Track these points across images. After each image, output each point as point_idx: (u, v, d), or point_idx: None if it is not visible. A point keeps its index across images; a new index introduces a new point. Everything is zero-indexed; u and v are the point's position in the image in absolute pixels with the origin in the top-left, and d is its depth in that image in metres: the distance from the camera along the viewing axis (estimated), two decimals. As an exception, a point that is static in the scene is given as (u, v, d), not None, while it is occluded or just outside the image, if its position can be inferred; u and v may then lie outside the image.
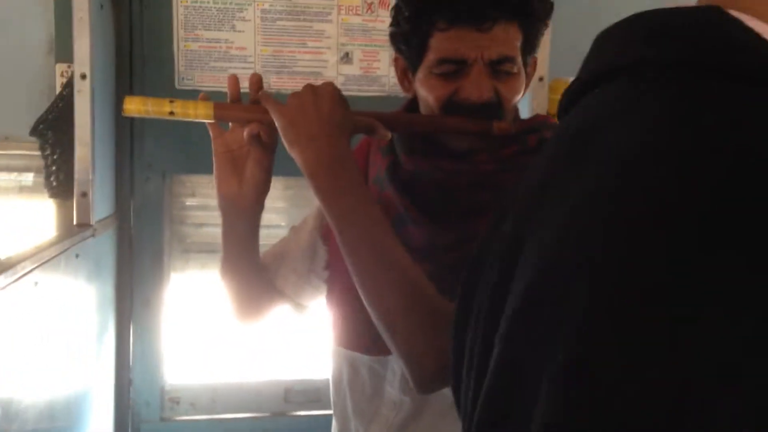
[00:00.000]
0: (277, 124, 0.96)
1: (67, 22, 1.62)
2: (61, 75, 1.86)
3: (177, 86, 1.96)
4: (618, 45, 0.53)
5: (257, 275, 1.17)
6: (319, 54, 2.03)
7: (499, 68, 0.99)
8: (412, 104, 1.11)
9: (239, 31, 1.99)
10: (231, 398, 2.10)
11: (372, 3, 2.01)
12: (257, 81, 1.03)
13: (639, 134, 0.43)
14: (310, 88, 0.96)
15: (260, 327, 1.24)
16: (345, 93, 1.00)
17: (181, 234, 2.07)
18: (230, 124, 1.05)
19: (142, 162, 1.97)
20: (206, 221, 2.06)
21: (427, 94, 1.02)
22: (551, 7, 1.03)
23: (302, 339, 2.10)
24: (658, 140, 0.41)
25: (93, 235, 1.59)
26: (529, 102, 1.75)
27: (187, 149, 1.94)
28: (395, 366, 1.11)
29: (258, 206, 1.07)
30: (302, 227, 1.25)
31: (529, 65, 1.06)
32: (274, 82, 2.01)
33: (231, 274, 1.13)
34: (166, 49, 1.95)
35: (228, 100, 1.04)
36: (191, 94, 1.95)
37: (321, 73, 2.03)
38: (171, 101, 1.00)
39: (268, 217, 1.08)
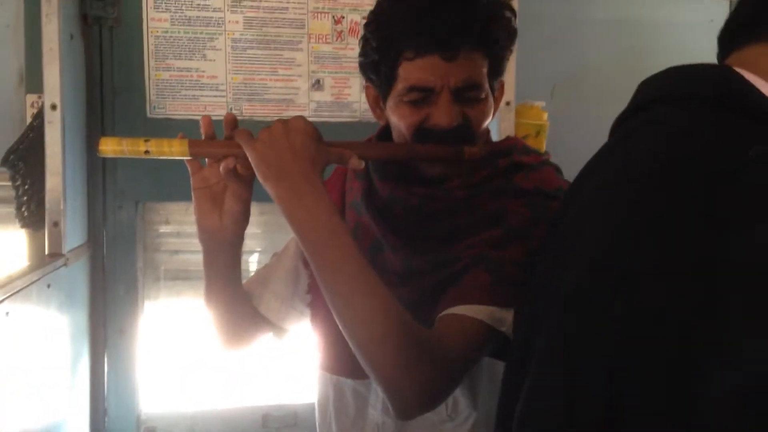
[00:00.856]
0: (250, 159, 0.97)
1: (38, 53, 1.64)
2: (32, 106, 1.88)
3: (148, 115, 1.98)
4: (651, 86, 0.76)
5: (241, 303, 1.18)
6: (290, 81, 2.05)
7: (466, 95, 1.02)
8: (386, 131, 1.14)
9: (210, 60, 2.01)
10: (208, 425, 2.09)
11: (342, 31, 2.05)
12: (232, 120, 1.04)
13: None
14: (281, 123, 0.97)
15: (243, 353, 1.25)
16: (316, 120, 1.02)
17: (155, 261, 2.07)
18: (207, 159, 1.06)
19: (115, 190, 1.97)
20: (180, 248, 2.07)
21: (399, 122, 1.05)
22: (515, 33, 1.07)
23: (279, 363, 2.10)
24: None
25: (65, 265, 1.59)
26: (497, 126, 1.78)
27: (159, 177, 1.95)
28: (377, 388, 1.12)
29: (238, 238, 1.08)
30: (284, 253, 1.26)
31: (497, 89, 1.09)
32: (246, 110, 2.03)
33: (215, 303, 1.14)
34: (137, 78, 1.96)
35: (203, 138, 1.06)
36: (163, 123, 1.98)
37: (293, 100, 2.05)
38: (146, 140, 1.01)
39: (244, 243, 1.10)
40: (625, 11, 2.35)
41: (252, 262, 2.12)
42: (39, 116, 1.68)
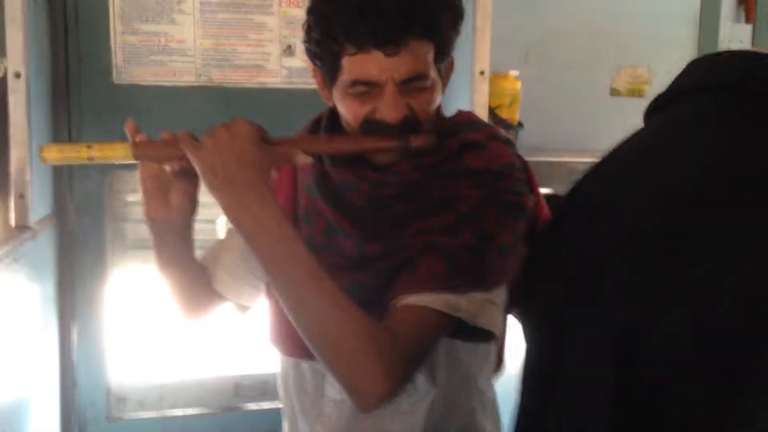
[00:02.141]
0: (195, 166, 0.96)
1: (1, 17, 1.57)
2: (-6, 71, 1.81)
3: (115, 81, 1.92)
4: (691, 74, 0.73)
5: (196, 277, 1.19)
6: (260, 47, 2.01)
7: (411, 85, 1.00)
8: (334, 113, 1.12)
9: (178, 24, 1.95)
10: (180, 395, 2.08)
11: (313, -5, 2.00)
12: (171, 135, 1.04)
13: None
14: (224, 128, 0.96)
15: (206, 321, 1.26)
16: (288, 86, 1.02)
17: (123, 231, 2.03)
18: None
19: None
20: (149, 217, 2.03)
21: (346, 112, 1.04)
22: (462, 14, 1.04)
23: (250, 333, 2.10)
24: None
25: (32, 237, 1.55)
26: (469, 95, 1.76)
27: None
28: None
29: (187, 228, 1.10)
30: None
31: (445, 69, 1.08)
32: (215, 76, 1.99)
33: (169, 279, 1.16)
34: (102, 43, 1.90)
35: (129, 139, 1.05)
36: (130, 90, 1.92)
37: (263, 66, 2.01)
38: (88, 146, 1.01)
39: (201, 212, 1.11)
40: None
41: (210, 232, 2.09)
42: (2, 84, 1.62)
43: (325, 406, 1.15)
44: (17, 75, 1.51)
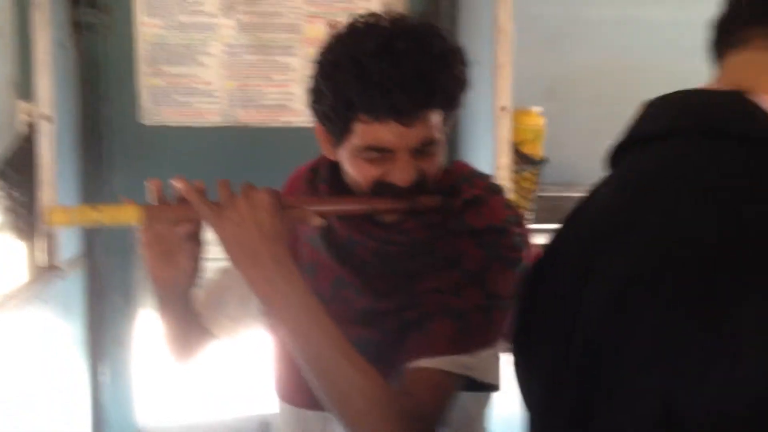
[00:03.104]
0: (218, 238, 0.97)
1: (29, 59, 1.61)
2: (23, 113, 1.85)
3: (142, 121, 1.96)
4: (658, 115, 0.69)
5: (194, 325, 1.18)
6: (285, 87, 2.04)
7: (422, 150, 1.01)
8: (334, 165, 1.11)
9: (204, 66, 1.99)
10: (206, 435, 2.08)
11: (336, 35, 2.03)
12: (201, 189, 1.01)
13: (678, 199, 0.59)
14: (244, 199, 0.96)
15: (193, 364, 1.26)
16: (313, 125, 1.02)
17: (151, 270, 2.05)
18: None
19: (111, 198, 1.95)
20: (176, 256, 2.05)
21: (356, 174, 1.04)
22: (468, 83, 1.05)
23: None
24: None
25: (61, 277, 1.57)
26: (491, 131, 1.77)
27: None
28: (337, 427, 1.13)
29: (191, 286, 1.09)
30: (237, 274, 1.25)
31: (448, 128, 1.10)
32: (241, 116, 2.01)
33: (168, 326, 1.15)
34: (128, 85, 1.94)
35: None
36: (157, 130, 1.96)
37: (287, 105, 2.03)
38: (97, 209, 0.98)
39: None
40: (620, 11, 2.34)
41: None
42: (32, 126, 1.66)
43: None
44: (46, 118, 1.54)
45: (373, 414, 0.92)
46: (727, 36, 0.68)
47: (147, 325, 2.03)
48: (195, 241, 1.05)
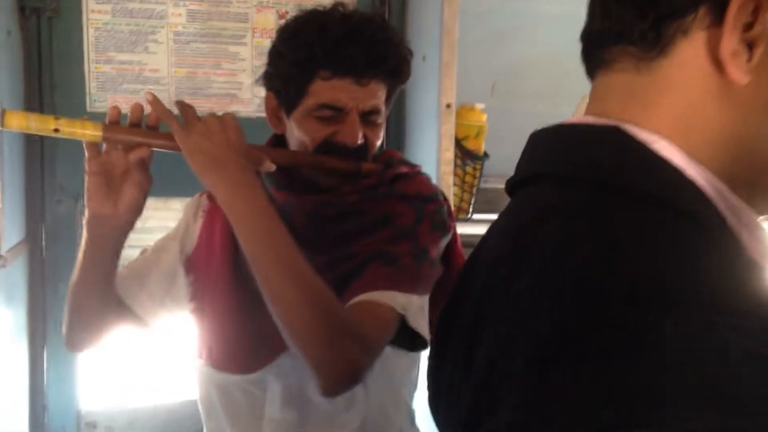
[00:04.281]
0: (183, 148, 1.00)
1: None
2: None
3: (89, 109, 1.95)
4: (533, 156, 0.63)
5: (109, 294, 1.16)
6: (233, 76, 2.05)
7: (369, 118, 1.14)
8: (279, 140, 1.22)
9: (152, 53, 1.99)
10: (149, 420, 2.09)
11: (285, 27, 2.05)
12: (142, 110, 1.07)
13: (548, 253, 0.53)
14: (214, 116, 1.03)
15: (91, 351, 1.24)
16: (262, 115, 1.11)
17: (95, 256, 2.05)
18: (104, 145, 1.05)
19: (54, 184, 1.94)
20: (121, 243, 2.05)
21: (304, 134, 1.14)
22: (410, 73, 1.19)
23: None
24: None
25: (3, 266, 1.57)
26: (437, 128, 1.81)
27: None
28: (274, 386, 1.18)
29: (130, 226, 1.09)
30: (162, 250, 1.26)
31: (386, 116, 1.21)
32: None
33: (83, 291, 1.13)
34: (76, 71, 1.93)
35: (127, 124, 1.06)
36: (104, 117, 1.94)
37: (236, 95, 2.05)
38: (56, 118, 0.99)
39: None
40: (561, 7, 2.40)
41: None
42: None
43: (265, 427, 1.18)
44: (-8, 106, 1.52)
45: (325, 321, 0.97)
46: (594, 52, 0.61)
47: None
48: (144, 172, 1.06)
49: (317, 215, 1.16)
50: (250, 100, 2.05)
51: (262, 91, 2.09)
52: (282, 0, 2.06)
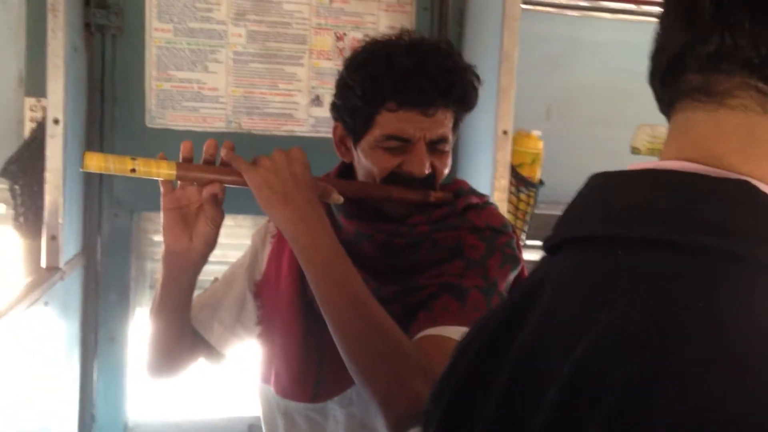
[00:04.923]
0: (251, 184, 1.01)
1: (39, 56, 1.63)
2: (30, 110, 1.87)
3: (148, 125, 1.98)
4: (609, 208, 0.49)
5: (185, 325, 1.18)
6: (290, 96, 2.06)
7: (436, 147, 1.13)
8: (346, 168, 1.22)
9: (211, 72, 2.01)
10: (194, 434, 2.11)
11: (343, 48, 2.06)
12: (231, 146, 1.07)
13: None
14: (281, 151, 1.03)
15: (173, 379, 1.24)
16: (314, 135, 1.09)
17: (148, 270, 2.08)
18: (179, 181, 1.07)
19: (111, 199, 1.98)
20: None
21: (372, 165, 1.14)
22: (477, 97, 1.18)
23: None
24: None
25: (62, 279, 1.60)
26: (492, 154, 1.80)
27: (155, 186, 1.95)
28: (338, 414, 1.17)
29: (204, 260, 1.10)
30: (232, 279, 1.27)
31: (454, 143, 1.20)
32: (245, 123, 2.04)
33: (161, 322, 1.14)
34: (137, 88, 1.96)
35: (201, 161, 1.07)
36: (162, 134, 1.98)
37: (292, 115, 2.06)
38: (133, 159, 1.02)
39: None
40: (617, 35, 2.37)
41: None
42: (40, 127, 1.68)
43: None
44: (56, 121, 1.56)
45: (391, 358, 0.97)
46: (684, 77, 0.49)
47: (140, 323, 2.06)
48: (216, 206, 1.07)
49: (387, 245, 1.15)
50: (305, 120, 2.06)
51: (317, 111, 2.13)
52: (340, 22, 2.07)
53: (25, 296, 1.31)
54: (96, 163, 1.02)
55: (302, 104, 2.07)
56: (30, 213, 1.71)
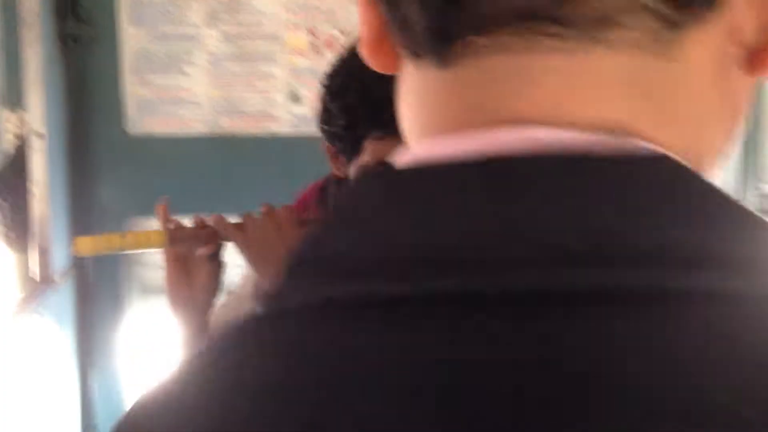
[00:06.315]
0: (243, 254, 1.05)
1: (14, 66, 1.64)
2: (7, 121, 1.87)
3: (128, 131, 1.99)
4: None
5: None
6: (266, 94, 2.07)
7: None
8: (342, 183, 1.18)
9: (188, 75, 2.02)
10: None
11: (317, 45, 2.07)
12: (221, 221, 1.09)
13: None
14: (269, 216, 1.05)
15: None
16: (298, 134, 1.07)
17: (141, 276, 2.09)
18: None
19: (100, 206, 1.98)
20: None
21: None
22: None
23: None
24: None
25: (55, 290, 1.61)
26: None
27: (144, 192, 1.96)
28: None
29: (208, 305, 1.13)
30: (242, 295, 1.28)
31: None
32: (225, 124, 2.05)
33: (185, 337, 1.15)
34: (115, 96, 1.97)
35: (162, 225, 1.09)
36: (143, 140, 1.99)
37: (270, 112, 2.07)
38: (122, 236, 1.05)
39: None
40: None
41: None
42: (21, 140, 1.69)
43: None
44: (39, 135, 1.57)
45: None
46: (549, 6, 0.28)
47: (134, 329, 2.07)
48: (214, 261, 1.09)
49: None
50: (284, 117, 2.07)
51: (297, 109, 2.13)
52: (313, 19, 2.08)
53: (19, 308, 1.32)
54: (87, 246, 1.05)
55: (280, 102, 2.08)
56: (18, 227, 1.72)
